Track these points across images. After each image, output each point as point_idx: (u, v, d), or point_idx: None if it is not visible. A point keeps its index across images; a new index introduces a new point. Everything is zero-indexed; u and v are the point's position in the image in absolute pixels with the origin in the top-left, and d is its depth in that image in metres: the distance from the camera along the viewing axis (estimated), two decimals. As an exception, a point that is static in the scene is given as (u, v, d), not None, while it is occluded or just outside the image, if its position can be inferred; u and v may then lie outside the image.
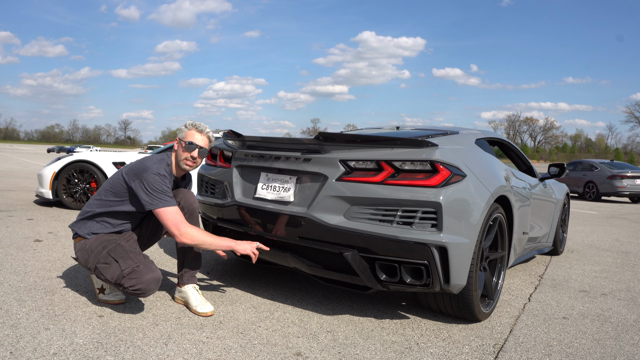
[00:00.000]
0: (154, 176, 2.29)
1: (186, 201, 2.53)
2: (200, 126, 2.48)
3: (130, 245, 2.38)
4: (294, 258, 2.41)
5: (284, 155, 2.50)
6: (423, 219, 2.15)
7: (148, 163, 2.35)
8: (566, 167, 4.09)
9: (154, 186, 2.28)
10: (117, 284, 2.23)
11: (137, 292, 2.20)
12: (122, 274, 2.20)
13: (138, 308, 2.40)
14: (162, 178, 2.31)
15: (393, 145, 2.28)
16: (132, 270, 2.20)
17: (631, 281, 3.69)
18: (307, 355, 1.99)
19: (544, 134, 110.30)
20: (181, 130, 2.50)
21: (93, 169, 5.75)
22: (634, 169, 13.61)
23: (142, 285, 2.19)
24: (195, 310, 2.39)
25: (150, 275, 2.22)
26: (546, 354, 2.15)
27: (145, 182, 2.28)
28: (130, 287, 2.19)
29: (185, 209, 2.51)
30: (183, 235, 2.27)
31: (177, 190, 2.55)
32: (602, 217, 8.85)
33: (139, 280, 2.19)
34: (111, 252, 2.28)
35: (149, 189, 2.28)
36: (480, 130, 3.34)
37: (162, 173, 2.33)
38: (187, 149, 2.42)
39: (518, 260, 3.55)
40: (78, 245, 2.40)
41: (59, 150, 54.04)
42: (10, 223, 4.53)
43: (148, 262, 2.29)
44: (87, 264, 2.33)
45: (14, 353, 1.81)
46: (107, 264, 2.25)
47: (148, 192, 2.28)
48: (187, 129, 2.48)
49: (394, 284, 2.25)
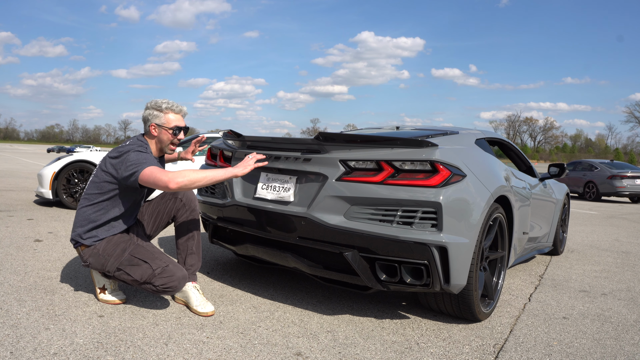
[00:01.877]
0: (133, 154, 2.27)
1: (188, 199, 2.56)
2: (175, 106, 2.44)
3: (148, 245, 2.41)
4: (294, 258, 2.41)
5: (284, 155, 2.50)
6: (423, 219, 2.15)
7: (125, 148, 2.33)
8: (566, 167, 4.09)
9: (131, 160, 2.24)
10: (145, 283, 2.26)
11: (168, 289, 2.26)
12: (154, 273, 2.25)
13: (138, 308, 2.40)
14: (139, 153, 2.27)
15: (393, 145, 2.28)
16: (163, 270, 2.26)
17: (631, 281, 3.69)
18: (307, 355, 1.99)
19: (543, 134, 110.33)
20: (155, 115, 2.40)
21: (93, 168, 5.75)
22: (634, 169, 13.61)
23: (174, 283, 2.26)
24: (196, 310, 2.39)
25: (181, 273, 2.29)
26: (546, 354, 2.15)
27: (126, 161, 2.25)
28: (162, 286, 2.25)
29: (187, 206, 2.54)
30: (172, 180, 2.13)
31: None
32: (602, 217, 8.85)
33: (171, 279, 2.25)
34: (135, 254, 2.30)
35: (128, 165, 2.24)
36: (480, 130, 3.34)
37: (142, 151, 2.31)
38: (174, 134, 2.42)
39: (518, 260, 3.55)
40: (87, 251, 2.36)
41: (59, 150, 54.02)
42: (10, 223, 4.53)
43: (173, 260, 2.35)
44: (104, 268, 2.33)
45: (14, 353, 1.81)
46: (135, 264, 2.28)
47: (127, 167, 2.24)
48: (163, 113, 2.41)
49: (394, 284, 2.25)
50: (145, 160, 2.24)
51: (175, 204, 2.56)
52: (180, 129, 2.44)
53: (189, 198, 2.55)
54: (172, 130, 2.41)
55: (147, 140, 2.45)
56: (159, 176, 2.15)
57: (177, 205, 2.55)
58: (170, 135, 2.42)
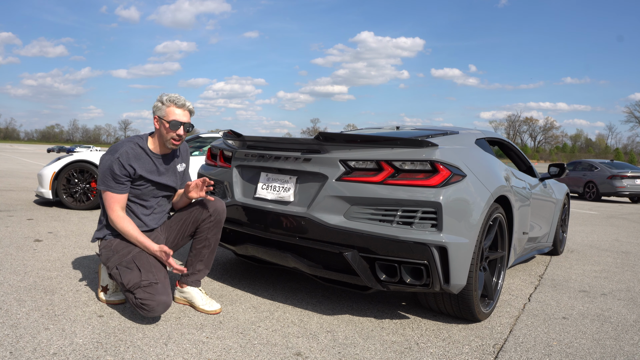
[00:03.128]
0: (110, 159, 2.30)
1: (215, 210, 2.48)
2: (179, 100, 2.36)
3: (156, 261, 2.31)
4: (294, 258, 2.41)
5: (284, 155, 2.49)
6: (423, 219, 2.15)
7: (115, 147, 2.36)
8: (566, 167, 4.09)
9: (105, 168, 2.31)
10: (128, 291, 2.18)
11: (143, 306, 2.14)
12: (140, 283, 2.16)
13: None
14: (116, 164, 2.30)
15: (393, 145, 2.28)
16: (149, 285, 2.15)
17: (631, 281, 3.69)
18: (307, 355, 1.98)
19: (544, 134, 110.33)
20: (158, 107, 2.37)
21: (93, 168, 5.75)
22: (634, 169, 13.61)
23: (153, 303, 2.13)
24: (203, 309, 2.39)
25: (164, 298, 2.16)
26: (546, 354, 2.15)
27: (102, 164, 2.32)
28: (140, 300, 2.13)
29: (213, 217, 2.46)
30: (112, 220, 2.32)
31: (209, 200, 2.46)
32: (602, 217, 8.85)
33: (152, 298, 2.13)
34: (136, 259, 2.25)
35: (101, 169, 2.32)
36: (480, 130, 3.34)
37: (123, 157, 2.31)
38: (172, 128, 2.34)
39: (518, 260, 3.54)
40: (103, 243, 2.39)
41: (59, 150, 54.03)
42: (10, 223, 4.53)
43: (167, 283, 2.23)
44: (107, 262, 2.31)
45: (13, 353, 1.80)
46: (129, 268, 2.22)
47: (101, 172, 2.31)
48: (165, 105, 2.35)
49: (393, 284, 2.24)
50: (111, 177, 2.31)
51: (202, 214, 2.47)
52: (180, 124, 2.34)
53: (217, 210, 2.47)
54: (170, 123, 2.33)
55: (147, 136, 2.44)
56: (108, 205, 2.33)
57: (203, 216, 2.47)
58: (167, 129, 2.34)
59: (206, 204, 2.48)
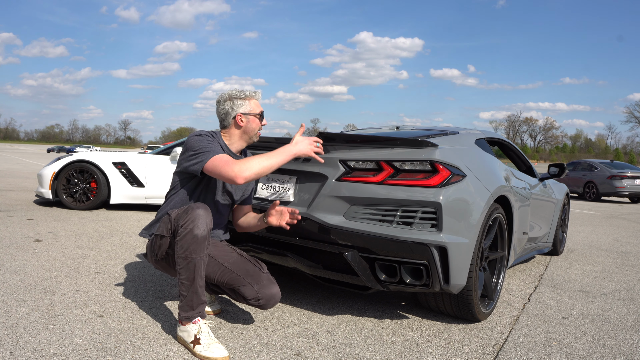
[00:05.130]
0: (198, 136, 2.13)
1: (266, 297, 2.16)
2: (255, 92, 2.29)
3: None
4: (294, 258, 2.41)
5: (284, 155, 2.49)
6: (423, 219, 2.15)
7: (197, 132, 2.20)
8: (566, 167, 4.10)
9: (195, 147, 2.10)
10: (175, 229, 1.99)
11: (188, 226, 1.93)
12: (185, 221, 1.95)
13: (138, 308, 2.40)
14: (208, 136, 2.14)
15: (393, 145, 2.28)
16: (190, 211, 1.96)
17: (631, 281, 3.69)
18: (307, 355, 1.99)
19: (543, 134, 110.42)
20: (241, 104, 2.23)
21: (93, 169, 5.75)
22: (634, 169, 13.62)
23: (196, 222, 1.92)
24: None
25: (205, 215, 1.97)
26: (546, 354, 2.15)
27: (187, 149, 2.11)
28: (184, 224, 1.94)
29: (261, 302, 2.16)
30: (238, 175, 1.98)
31: (270, 282, 2.17)
32: (602, 217, 8.86)
33: (195, 223, 1.92)
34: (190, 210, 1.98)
35: (192, 152, 2.09)
36: (480, 130, 3.34)
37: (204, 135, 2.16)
38: (261, 119, 2.26)
39: (518, 261, 3.55)
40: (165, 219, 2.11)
41: (58, 150, 54.06)
42: (10, 223, 4.53)
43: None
44: (170, 231, 2.05)
45: (13, 353, 1.80)
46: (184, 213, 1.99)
47: (192, 155, 2.08)
48: (247, 100, 2.24)
49: (393, 284, 2.24)
50: (205, 147, 2.08)
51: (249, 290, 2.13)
52: (263, 114, 2.29)
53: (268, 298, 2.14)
54: (260, 115, 2.26)
55: (221, 135, 2.26)
56: (225, 168, 2.01)
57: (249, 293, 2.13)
58: (258, 121, 2.26)
59: (262, 281, 2.14)
